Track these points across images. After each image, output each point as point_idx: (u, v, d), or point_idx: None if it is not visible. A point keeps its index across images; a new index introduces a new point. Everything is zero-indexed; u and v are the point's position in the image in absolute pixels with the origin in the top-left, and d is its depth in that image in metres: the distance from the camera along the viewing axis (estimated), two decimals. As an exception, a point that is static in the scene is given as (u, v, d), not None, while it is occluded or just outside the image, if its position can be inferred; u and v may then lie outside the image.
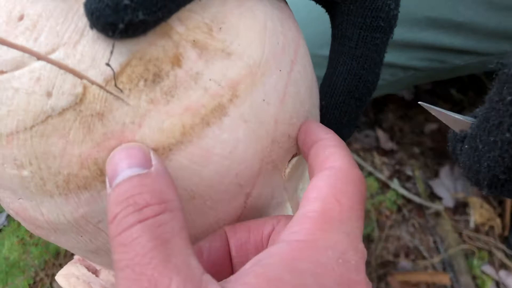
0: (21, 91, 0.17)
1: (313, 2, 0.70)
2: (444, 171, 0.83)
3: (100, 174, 0.18)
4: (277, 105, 0.21)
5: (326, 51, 0.69)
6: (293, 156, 0.23)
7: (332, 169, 0.20)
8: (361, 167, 0.84)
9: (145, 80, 0.18)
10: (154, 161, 0.18)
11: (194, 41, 0.19)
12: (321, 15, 0.69)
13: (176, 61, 0.18)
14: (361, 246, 0.19)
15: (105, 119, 0.18)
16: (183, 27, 0.18)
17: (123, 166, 0.17)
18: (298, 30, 0.25)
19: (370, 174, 0.84)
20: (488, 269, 0.77)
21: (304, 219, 0.18)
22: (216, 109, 0.19)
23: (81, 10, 0.17)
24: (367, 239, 0.79)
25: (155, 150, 0.18)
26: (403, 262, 0.77)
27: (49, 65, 0.17)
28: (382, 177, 0.82)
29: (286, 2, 0.26)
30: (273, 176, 0.22)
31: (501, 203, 0.82)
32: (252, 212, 0.22)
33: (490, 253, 0.79)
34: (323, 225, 0.18)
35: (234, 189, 0.21)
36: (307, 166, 0.26)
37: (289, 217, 0.20)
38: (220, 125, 0.19)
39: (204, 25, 0.19)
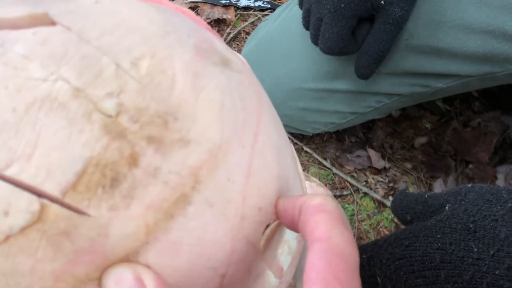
0: None
1: (297, 39, 0.72)
2: (438, 184, 0.83)
3: (79, 283, 0.18)
4: (243, 181, 0.21)
5: (310, 84, 0.70)
6: (267, 226, 0.23)
7: (323, 241, 0.20)
8: (356, 189, 0.84)
9: (103, 187, 0.18)
10: (146, 279, 0.18)
11: (149, 137, 0.19)
12: (304, 51, 0.70)
13: (133, 161, 0.18)
14: None
15: (72, 237, 0.17)
16: (137, 125, 0.18)
17: None
18: (260, 95, 0.25)
19: (365, 194, 0.84)
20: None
21: None
22: (179, 200, 0.19)
23: (32, 121, 0.17)
24: (369, 261, 0.78)
25: (125, 258, 0.18)
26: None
27: (4, 183, 0.17)
28: (378, 196, 0.82)
29: (246, 66, 0.26)
30: (248, 251, 0.22)
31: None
32: (230, 290, 0.22)
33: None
34: None
35: (208, 273, 0.21)
36: (283, 230, 0.26)
37: None
38: (185, 214, 0.19)
39: (158, 119, 0.19)
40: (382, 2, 0.52)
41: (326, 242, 0.19)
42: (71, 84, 0.18)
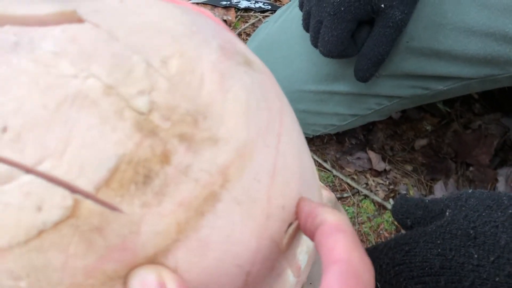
0: (11, 206, 0.17)
1: (297, 41, 0.72)
2: (438, 187, 0.83)
3: (109, 280, 0.18)
4: (268, 180, 0.21)
5: (310, 86, 0.70)
6: (289, 225, 0.23)
7: (341, 263, 0.20)
8: (356, 191, 0.84)
9: (136, 184, 0.18)
10: (169, 284, 0.18)
11: (180, 134, 0.19)
12: (304, 53, 0.70)
13: (165, 159, 0.18)
14: None
15: (104, 233, 0.17)
16: (169, 122, 0.18)
17: None
18: (280, 95, 0.25)
19: (366, 196, 0.84)
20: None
21: None
22: (208, 198, 0.19)
23: (63, 118, 0.17)
24: (370, 263, 0.78)
25: (154, 256, 0.18)
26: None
27: (38, 178, 0.17)
28: (378, 199, 0.82)
29: (265, 67, 0.26)
30: (272, 250, 0.22)
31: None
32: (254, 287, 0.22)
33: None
34: None
35: (234, 270, 0.21)
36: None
37: None
38: (214, 212, 0.19)
39: (189, 117, 0.19)
40: (382, 5, 0.52)
41: (345, 264, 0.19)
42: (102, 81, 0.18)
